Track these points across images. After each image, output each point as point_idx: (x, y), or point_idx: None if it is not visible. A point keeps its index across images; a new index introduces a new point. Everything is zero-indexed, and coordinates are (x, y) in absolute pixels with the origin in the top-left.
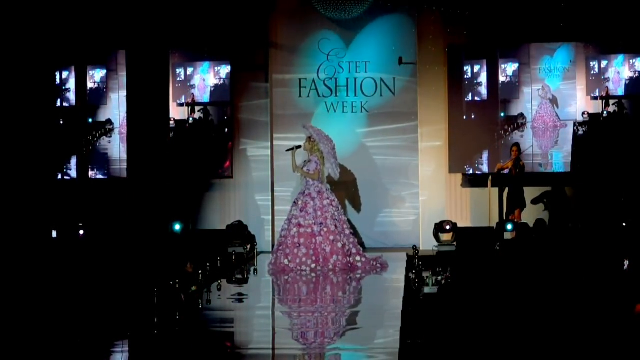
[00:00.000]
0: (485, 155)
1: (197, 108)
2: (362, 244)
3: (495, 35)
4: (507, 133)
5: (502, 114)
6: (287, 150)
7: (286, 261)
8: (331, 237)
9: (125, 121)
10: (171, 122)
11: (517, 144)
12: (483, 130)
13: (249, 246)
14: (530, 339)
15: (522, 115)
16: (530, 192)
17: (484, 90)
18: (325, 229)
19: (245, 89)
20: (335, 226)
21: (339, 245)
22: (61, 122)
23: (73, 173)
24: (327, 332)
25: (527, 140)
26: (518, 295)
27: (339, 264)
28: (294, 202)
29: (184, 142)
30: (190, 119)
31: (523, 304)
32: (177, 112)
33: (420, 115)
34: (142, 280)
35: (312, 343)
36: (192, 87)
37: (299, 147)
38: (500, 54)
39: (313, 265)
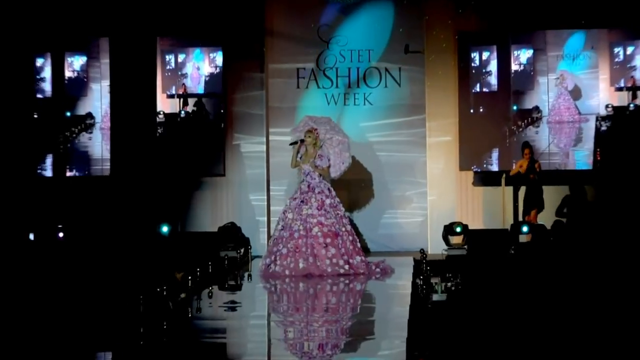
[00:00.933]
0: (495, 153)
1: (190, 100)
2: (364, 247)
3: (509, 20)
4: (520, 129)
5: (515, 107)
6: (291, 144)
7: (302, 264)
8: (350, 238)
9: (108, 115)
10: (160, 116)
11: (528, 146)
12: (492, 125)
13: (242, 250)
14: (548, 351)
15: (537, 108)
16: (549, 192)
17: (493, 80)
18: (343, 228)
19: (239, 80)
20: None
21: (359, 245)
22: (35, 116)
23: (48, 172)
24: (328, 343)
25: (543, 137)
26: (534, 303)
27: (362, 265)
28: (303, 201)
29: (174, 138)
30: (182, 112)
31: (540, 313)
32: (167, 105)
33: (428, 107)
34: (126, 286)
35: (311, 356)
36: (184, 76)
37: (303, 140)
38: (512, 40)
39: (346, 267)
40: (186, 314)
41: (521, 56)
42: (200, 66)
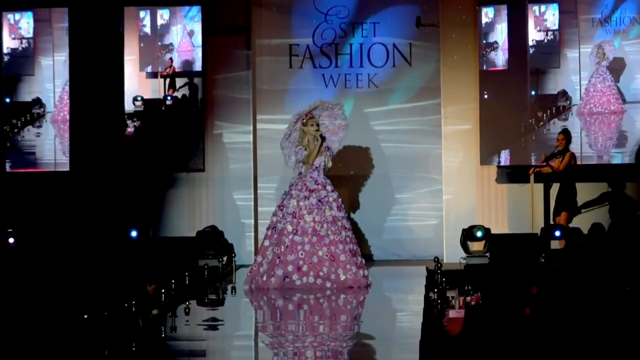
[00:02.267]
0: (523, 145)
1: (178, 81)
2: (368, 255)
3: None
4: (540, 122)
5: (533, 92)
6: (322, 137)
7: (344, 276)
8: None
9: (65, 101)
10: (138, 103)
11: (565, 131)
12: (508, 114)
13: (225, 258)
14: None
15: (563, 93)
16: (584, 190)
17: (500, 56)
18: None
19: (221, 58)
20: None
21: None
22: None
23: None
24: None
25: (573, 133)
26: (568, 323)
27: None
28: (321, 200)
29: (152, 129)
30: (168, 97)
31: (575, 331)
32: (146, 87)
33: (444, 91)
34: (88, 301)
35: None
36: (169, 48)
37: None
38: None
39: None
40: (159, 333)
41: (543, 18)
42: (194, 27)
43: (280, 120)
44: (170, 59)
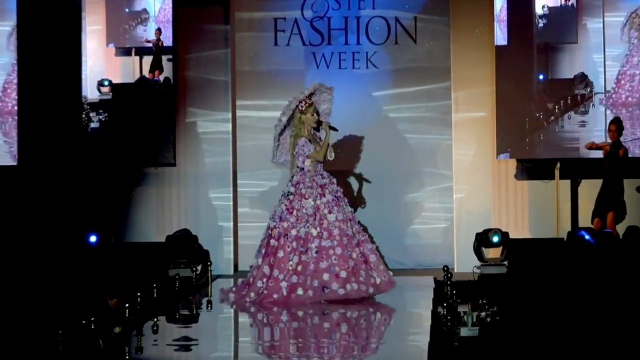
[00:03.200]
0: (547, 135)
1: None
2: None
3: None
4: (550, 118)
5: (541, 77)
6: (333, 129)
7: (363, 287)
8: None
9: (12, 86)
10: (106, 91)
11: (617, 120)
12: (516, 101)
13: (199, 267)
14: None
15: (582, 77)
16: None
17: (497, 29)
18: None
19: (195, 33)
20: None
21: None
22: None
23: None
24: None
25: (595, 130)
26: (596, 339)
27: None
28: (338, 197)
29: (118, 118)
30: (155, 80)
31: (602, 353)
32: (116, 67)
33: (455, 72)
34: (40, 317)
35: None
36: (141, 16)
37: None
38: None
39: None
40: (122, 355)
41: None
42: None
43: (264, 106)
44: (158, 29)
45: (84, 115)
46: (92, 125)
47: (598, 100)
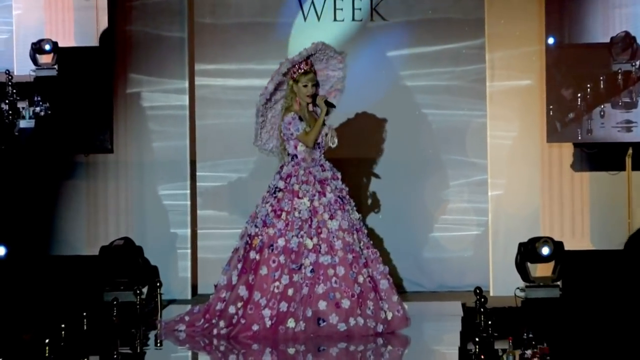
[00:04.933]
0: (615, 111)
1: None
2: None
3: None
4: (585, 92)
5: (551, 40)
6: (330, 105)
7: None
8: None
9: None
10: (49, 59)
11: None
12: (577, 66)
13: (145, 289)
14: None
15: (627, 37)
16: None
17: None
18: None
19: None
20: None
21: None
22: None
23: None
24: None
25: None
26: None
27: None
28: (342, 198)
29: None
30: None
31: None
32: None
33: (490, 25)
34: None
35: None
36: None
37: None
38: None
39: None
40: None
41: None
42: None
43: (231, 72)
44: None
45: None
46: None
47: None
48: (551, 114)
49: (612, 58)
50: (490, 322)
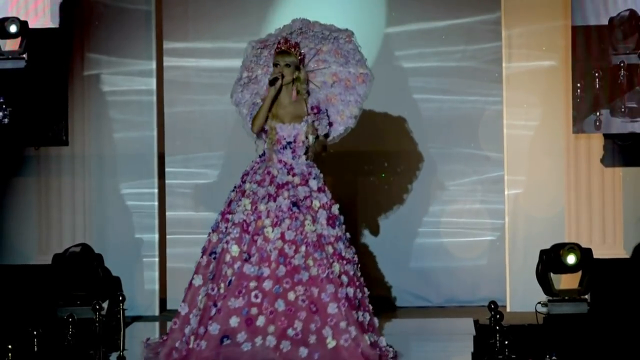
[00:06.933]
0: None
1: None
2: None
3: None
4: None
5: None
6: (271, 83)
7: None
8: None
9: None
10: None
11: None
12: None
13: (106, 304)
14: None
15: (632, 18)
16: None
17: None
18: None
19: None
20: None
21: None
22: None
23: None
24: None
25: None
26: None
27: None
28: (299, 206)
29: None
30: None
31: None
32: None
33: None
34: None
35: None
36: None
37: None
38: None
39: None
40: None
41: None
42: None
43: (206, 51)
44: None
45: None
46: None
47: None
48: (578, 100)
49: (611, 46)
50: (507, 342)
